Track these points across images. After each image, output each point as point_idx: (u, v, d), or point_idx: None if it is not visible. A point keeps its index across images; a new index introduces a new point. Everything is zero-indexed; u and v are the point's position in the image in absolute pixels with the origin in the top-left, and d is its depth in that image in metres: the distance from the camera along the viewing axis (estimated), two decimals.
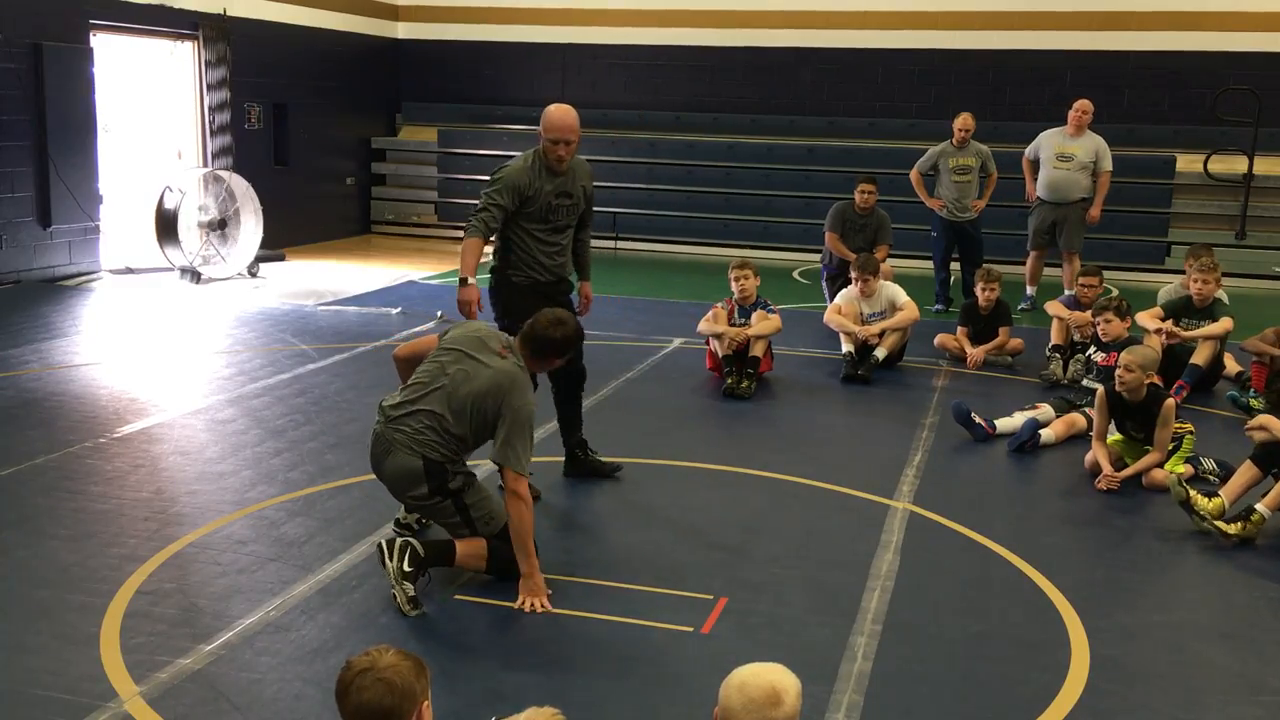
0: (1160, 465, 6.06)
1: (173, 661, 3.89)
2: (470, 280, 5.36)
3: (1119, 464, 6.16)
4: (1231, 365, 8.32)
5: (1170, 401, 6.08)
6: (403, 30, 17.09)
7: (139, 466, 5.95)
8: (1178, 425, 6.15)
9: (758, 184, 15.24)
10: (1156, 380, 6.23)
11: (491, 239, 5.49)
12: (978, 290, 8.89)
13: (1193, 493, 5.41)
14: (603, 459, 5.98)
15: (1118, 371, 6.09)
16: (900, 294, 8.66)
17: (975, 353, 8.67)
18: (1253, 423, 5.62)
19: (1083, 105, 10.54)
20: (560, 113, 5.42)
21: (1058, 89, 14.55)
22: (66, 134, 11.29)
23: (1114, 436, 6.34)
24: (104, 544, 4.90)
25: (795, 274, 13.42)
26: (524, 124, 16.42)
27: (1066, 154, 10.52)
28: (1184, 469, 6.10)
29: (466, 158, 16.00)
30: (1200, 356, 7.82)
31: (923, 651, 4.18)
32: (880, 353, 8.34)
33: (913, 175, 11.08)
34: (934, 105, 14.77)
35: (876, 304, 8.63)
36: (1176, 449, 6.14)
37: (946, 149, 10.87)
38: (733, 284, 8.13)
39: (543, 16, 16.35)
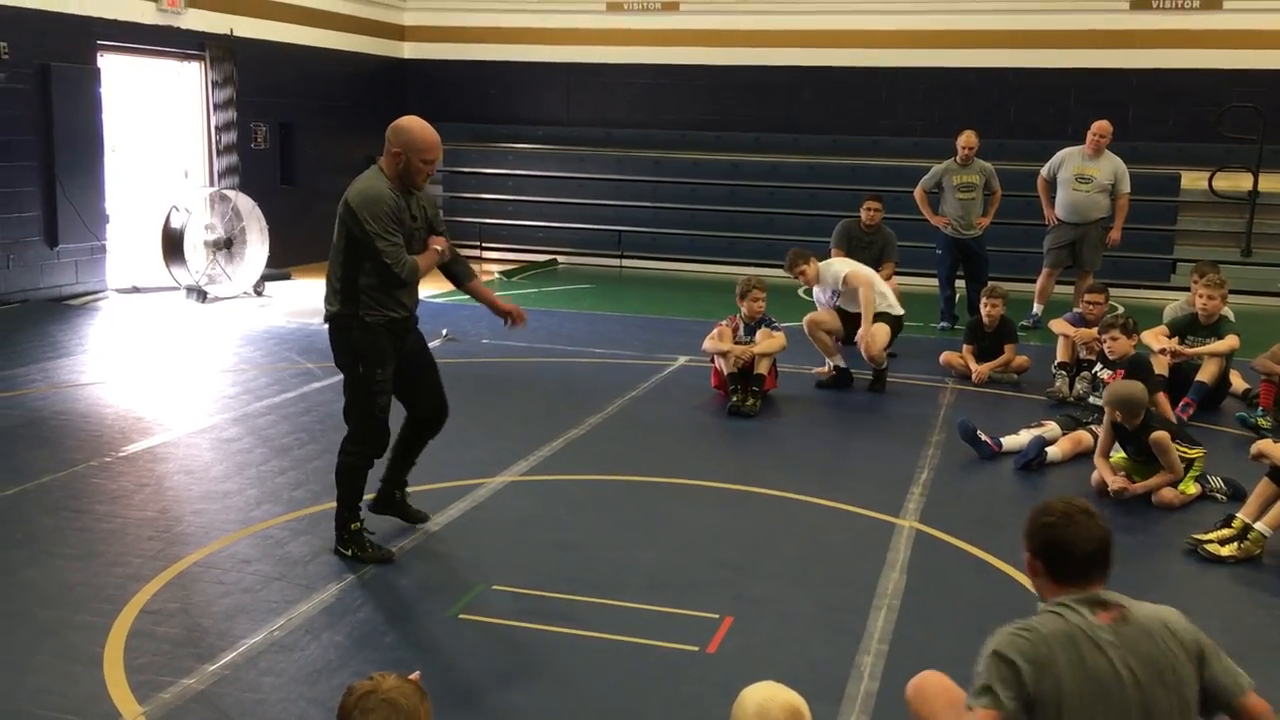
0: (1174, 484, 6.04)
1: (176, 681, 3.87)
2: (439, 248, 4.95)
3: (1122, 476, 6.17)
4: (1239, 383, 8.30)
5: (1158, 434, 6.02)
6: (408, 50, 17.17)
7: (144, 485, 5.95)
8: (1188, 450, 6.12)
9: (762, 202, 15.27)
10: (1162, 400, 6.22)
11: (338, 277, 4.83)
12: (982, 307, 8.89)
13: (1211, 546, 5.34)
14: (414, 507, 5.40)
15: (1105, 405, 6.16)
16: (840, 268, 8.67)
17: (979, 369, 8.66)
18: (1253, 450, 5.59)
19: (1101, 128, 10.54)
20: (429, 129, 4.95)
21: (1062, 107, 14.60)
22: (73, 154, 11.34)
23: (1117, 454, 6.32)
24: (109, 563, 4.90)
25: (800, 292, 13.40)
26: (530, 143, 16.49)
27: (1086, 175, 10.53)
28: (1194, 489, 6.08)
29: (472, 176, 16.04)
30: (1206, 374, 7.80)
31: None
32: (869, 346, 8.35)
33: (917, 193, 11.09)
34: (938, 123, 14.80)
35: (827, 285, 8.69)
36: (1187, 471, 6.12)
37: (950, 166, 10.88)
38: (749, 303, 8.10)
39: (547, 37, 16.43)
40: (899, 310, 8.70)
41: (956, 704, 3.03)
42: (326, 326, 4.99)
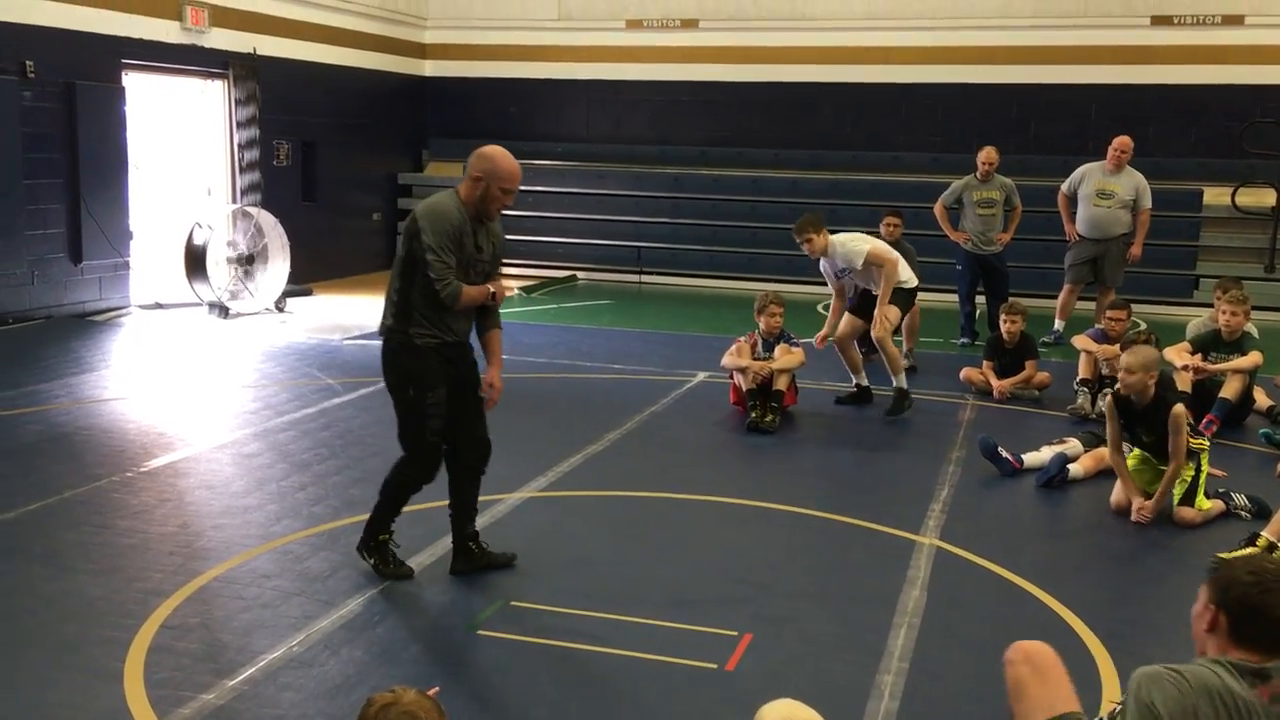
0: (1191, 496, 5.99)
1: (196, 697, 3.88)
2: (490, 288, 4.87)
3: (1142, 495, 6.11)
4: (1262, 400, 8.23)
5: (1178, 408, 5.98)
6: (429, 68, 17.28)
7: (165, 500, 5.98)
8: (1193, 440, 6.06)
9: (782, 218, 15.19)
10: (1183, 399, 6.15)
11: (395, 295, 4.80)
12: (1001, 324, 8.85)
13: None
14: (495, 551, 5.14)
15: (1120, 375, 6.07)
16: (860, 246, 7.99)
17: (1001, 384, 8.62)
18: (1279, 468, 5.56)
19: (1122, 143, 10.50)
20: (512, 159, 4.81)
21: (1083, 122, 14.56)
22: (98, 171, 11.45)
23: (1131, 458, 6.27)
24: (130, 578, 4.92)
25: (819, 307, 13.38)
26: (550, 159, 16.56)
27: (1107, 191, 10.49)
28: (1210, 505, 6.02)
29: None
30: (1229, 390, 7.74)
31: (951, 690, 4.12)
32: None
33: (937, 209, 11.06)
34: (958, 139, 14.78)
35: (838, 261, 8.10)
36: (1197, 470, 6.02)
37: (970, 182, 10.86)
38: (766, 319, 8.10)
39: (567, 54, 16.51)
40: (911, 284, 8.20)
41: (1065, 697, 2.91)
42: (380, 342, 5.00)
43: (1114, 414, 6.17)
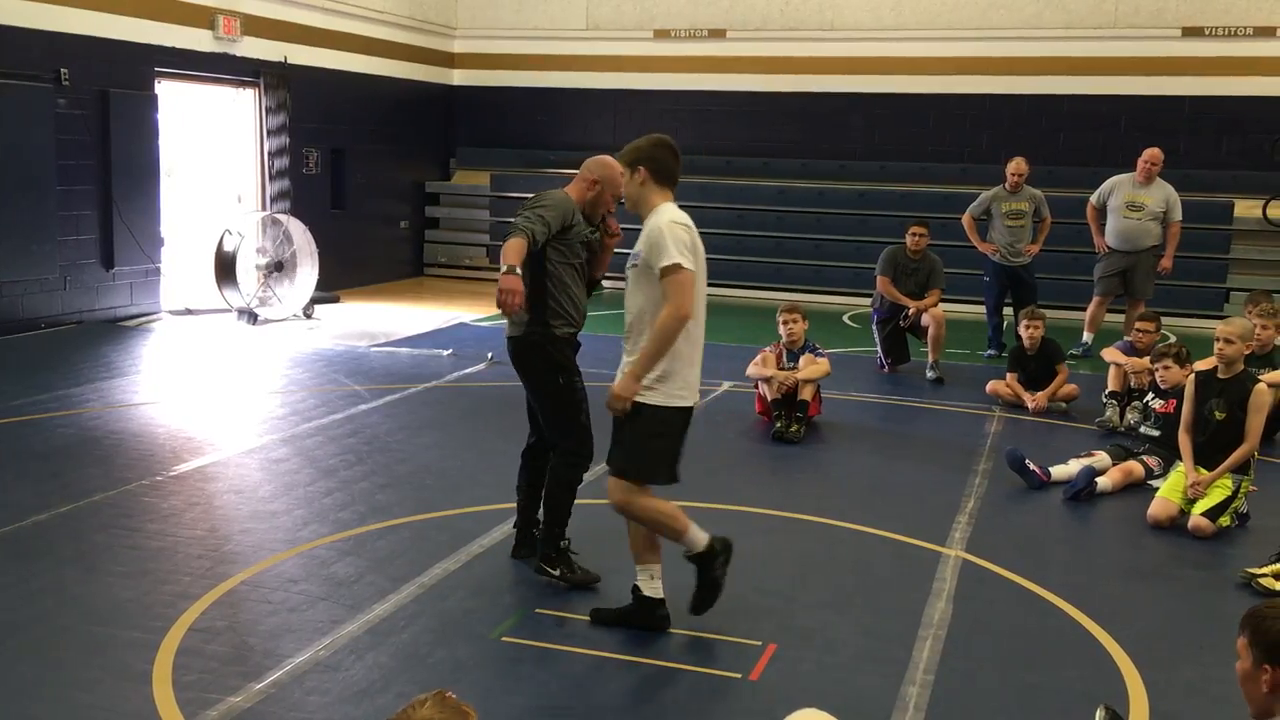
0: (1218, 511, 5.94)
1: (223, 700, 3.91)
2: (519, 270, 4.59)
3: (1181, 517, 6.06)
4: None
5: (1262, 386, 5.97)
6: (458, 77, 17.38)
7: (194, 504, 6.03)
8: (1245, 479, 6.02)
9: (809, 228, 15.24)
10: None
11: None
12: (1021, 329, 8.74)
13: (1266, 580, 5.26)
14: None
15: (1217, 346, 6.08)
16: (678, 250, 4.73)
17: (1036, 397, 8.53)
18: None
19: (1152, 155, 10.44)
20: (618, 169, 5.05)
21: (1113, 133, 14.46)
22: (130, 178, 11.57)
23: (1169, 482, 6.24)
24: (158, 581, 4.96)
25: (846, 318, 13.37)
26: (576, 168, 16.58)
27: (1137, 203, 10.43)
28: (1227, 521, 5.99)
29: (518, 201, 16.11)
30: None
31: (976, 703, 4.10)
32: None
33: (965, 220, 11.02)
34: (987, 150, 14.72)
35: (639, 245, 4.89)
36: (1235, 493, 5.99)
37: (999, 193, 10.81)
38: (781, 327, 8.13)
39: (595, 64, 16.56)
40: (685, 401, 4.87)
41: None
42: (512, 346, 5.01)
43: (1196, 390, 6.17)
